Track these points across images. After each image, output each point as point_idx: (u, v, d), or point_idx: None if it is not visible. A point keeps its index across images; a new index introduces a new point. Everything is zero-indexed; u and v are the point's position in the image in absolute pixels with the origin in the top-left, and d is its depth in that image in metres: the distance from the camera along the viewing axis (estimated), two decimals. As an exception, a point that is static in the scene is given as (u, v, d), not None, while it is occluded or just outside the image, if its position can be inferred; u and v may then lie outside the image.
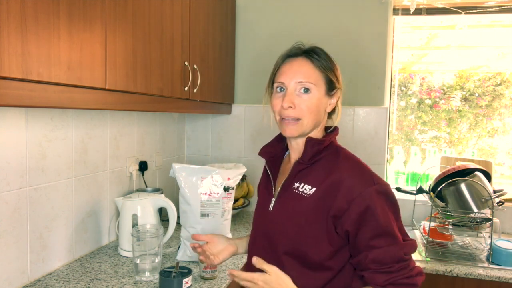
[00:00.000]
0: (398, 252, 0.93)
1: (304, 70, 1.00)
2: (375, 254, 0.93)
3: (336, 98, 1.05)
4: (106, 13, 1.11)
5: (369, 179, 0.96)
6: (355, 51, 2.20)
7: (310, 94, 0.99)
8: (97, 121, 1.63)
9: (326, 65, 1.02)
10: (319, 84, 1.00)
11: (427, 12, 2.21)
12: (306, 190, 0.99)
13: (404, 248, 0.95)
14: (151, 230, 1.44)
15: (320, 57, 1.02)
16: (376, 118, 2.20)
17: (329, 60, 1.03)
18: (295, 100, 0.99)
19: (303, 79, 0.99)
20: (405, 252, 0.95)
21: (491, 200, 1.74)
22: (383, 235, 0.94)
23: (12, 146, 1.24)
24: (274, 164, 1.13)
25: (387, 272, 0.92)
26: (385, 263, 0.93)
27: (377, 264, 0.93)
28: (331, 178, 0.97)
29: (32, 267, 1.35)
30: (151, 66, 1.37)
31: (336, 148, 1.05)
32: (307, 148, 1.02)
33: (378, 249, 0.93)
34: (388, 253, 0.93)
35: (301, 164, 1.02)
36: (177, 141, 2.39)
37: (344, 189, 0.95)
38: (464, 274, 1.62)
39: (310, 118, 1.00)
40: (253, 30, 2.33)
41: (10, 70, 0.82)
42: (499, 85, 2.39)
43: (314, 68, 1.00)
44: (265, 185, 1.14)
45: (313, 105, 0.99)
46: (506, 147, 2.40)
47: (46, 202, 1.39)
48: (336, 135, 1.08)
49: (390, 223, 0.95)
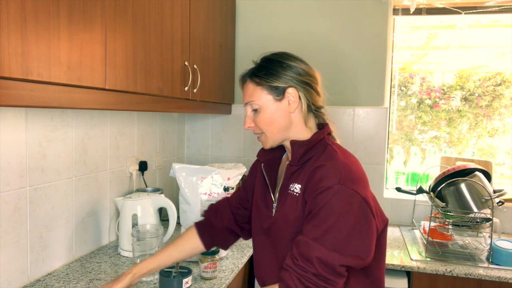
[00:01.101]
0: (311, 251, 0.89)
1: (247, 91, 1.06)
2: (298, 238, 0.94)
3: (292, 95, 1.01)
4: (106, 13, 1.11)
5: (337, 178, 0.92)
6: (355, 51, 2.21)
7: (258, 111, 1.04)
8: (97, 121, 1.63)
9: (264, 75, 1.02)
10: (263, 97, 1.03)
11: (427, 12, 2.21)
12: (297, 189, 1.00)
13: (321, 252, 0.88)
14: (151, 230, 1.44)
15: (260, 70, 1.03)
16: (376, 118, 2.20)
17: (272, 64, 1.02)
18: (252, 119, 1.06)
19: (248, 100, 1.06)
20: (318, 257, 0.88)
21: (491, 200, 1.74)
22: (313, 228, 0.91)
23: (12, 146, 1.24)
24: (270, 168, 1.14)
25: (292, 259, 0.92)
26: (296, 251, 0.92)
27: (294, 247, 0.94)
28: (309, 171, 0.98)
29: (32, 267, 1.34)
30: (151, 66, 1.37)
31: (325, 146, 1.02)
32: (294, 150, 1.03)
33: (301, 236, 0.93)
34: (305, 246, 0.91)
35: (293, 166, 1.03)
36: (177, 141, 2.39)
37: (315, 179, 0.94)
38: (464, 274, 1.62)
39: (271, 130, 1.05)
40: (253, 30, 2.33)
41: (10, 70, 0.82)
42: (499, 85, 2.39)
43: (255, 86, 1.04)
44: (261, 189, 1.15)
45: (267, 119, 1.04)
46: (506, 147, 2.40)
47: (46, 202, 1.39)
48: (325, 132, 1.04)
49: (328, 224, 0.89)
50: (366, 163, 2.19)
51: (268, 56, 1.06)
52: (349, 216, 0.90)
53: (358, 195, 0.92)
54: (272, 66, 1.03)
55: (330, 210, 0.90)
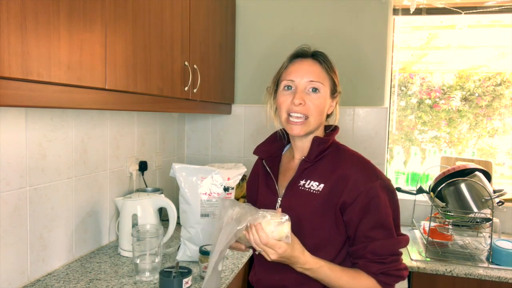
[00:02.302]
0: (394, 246, 1.01)
1: (314, 70, 1.05)
2: (374, 245, 0.99)
3: (336, 101, 1.11)
4: (106, 13, 1.11)
5: (373, 175, 1.02)
6: (355, 51, 2.20)
7: (319, 93, 1.04)
8: (97, 121, 1.63)
9: (331, 68, 1.07)
10: (326, 85, 1.06)
11: (427, 12, 2.21)
12: (314, 186, 1.03)
13: (400, 243, 1.02)
14: (151, 230, 1.44)
15: (325, 60, 1.07)
16: (376, 118, 2.20)
17: (332, 64, 1.09)
18: (305, 97, 1.03)
19: (314, 79, 1.03)
20: (399, 247, 1.03)
21: (491, 200, 1.74)
22: (382, 228, 1.00)
23: (12, 146, 1.24)
24: (272, 163, 1.15)
25: (381, 262, 0.99)
26: (380, 254, 0.99)
27: (373, 255, 0.99)
28: (337, 173, 1.03)
29: (32, 267, 1.34)
30: (151, 66, 1.37)
31: (337, 146, 1.10)
32: (313, 147, 1.06)
33: (376, 241, 0.99)
34: (385, 246, 0.99)
35: (307, 162, 1.06)
36: (177, 141, 2.39)
37: (351, 183, 1.00)
38: (464, 274, 1.62)
39: (316, 117, 1.05)
40: (253, 30, 2.33)
41: (10, 70, 0.82)
42: (499, 85, 2.39)
43: (322, 70, 1.06)
44: (265, 184, 1.15)
45: (321, 104, 1.04)
46: (506, 147, 2.40)
47: (46, 202, 1.39)
48: (337, 133, 1.13)
49: (389, 218, 1.02)
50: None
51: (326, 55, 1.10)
52: (394, 201, 1.05)
53: (390, 181, 1.06)
54: (334, 66, 1.09)
55: (384, 206, 1.00)
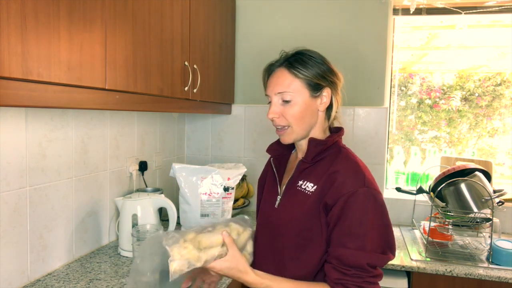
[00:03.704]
0: (360, 259, 0.93)
1: (281, 81, 1.02)
2: (340, 252, 0.95)
3: (326, 95, 1.04)
4: (106, 14, 1.11)
5: (360, 181, 0.98)
6: (355, 51, 2.20)
7: (291, 103, 1.02)
8: (97, 121, 1.63)
9: (306, 70, 1.01)
10: (300, 90, 1.01)
11: (427, 12, 2.21)
12: (309, 187, 1.02)
13: (370, 258, 0.94)
14: (151, 230, 1.44)
15: (299, 63, 1.02)
16: (376, 118, 2.20)
17: (313, 61, 1.03)
18: (280, 110, 1.03)
19: (280, 90, 1.02)
20: (369, 263, 0.94)
21: (491, 200, 1.74)
22: (353, 237, 0.94)
23: (12, 146, 1.24)
24: (279, 162, 1.16)
25: (342, 272, 0.94)
26: (344, 263, 0.94)
27: (337, 261, 0.95)
28: (327, 173, 1.01)
29: (32, 267, 1.34)
30: (151, 66, 1.37)
31: (339, 148, 1.07)
32: (310, 148, 1.05)
33: (345, 248, 0.94)
34: (350, 256, 0.94)
35: (305, 163, 1.06)
36: (177, 141, 2.39)
37: (336, 185, 0.97)
38: (464, 274, 1.62)
39: (298, 124, 1.03)
40: (253, 30, 2.33)
41: (10, 70, 0.82)
42: (499, 85, 2.39)
43: (292, 77, 1.01)
44: (271, 182, 1.17)
45: (297, 112, 1.02)
46: (506, 147, 2.40)
47: (46, 202, 1.39)
48: (340, 135, 1.09)
49: (365, 227, 0.94)
50: (366, 163, 2.16)
51: (305, 52, 1.05)
52: (381, 216, 0.98)
53: (380, 195, 0.99)
54: (312, 62, 1.02)
55: (363, 214, 0.95)
